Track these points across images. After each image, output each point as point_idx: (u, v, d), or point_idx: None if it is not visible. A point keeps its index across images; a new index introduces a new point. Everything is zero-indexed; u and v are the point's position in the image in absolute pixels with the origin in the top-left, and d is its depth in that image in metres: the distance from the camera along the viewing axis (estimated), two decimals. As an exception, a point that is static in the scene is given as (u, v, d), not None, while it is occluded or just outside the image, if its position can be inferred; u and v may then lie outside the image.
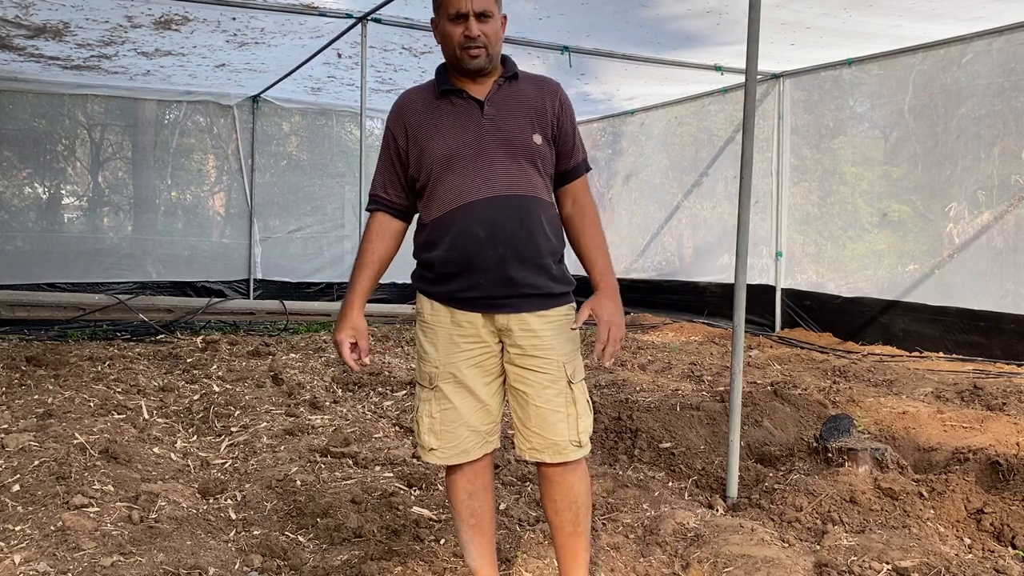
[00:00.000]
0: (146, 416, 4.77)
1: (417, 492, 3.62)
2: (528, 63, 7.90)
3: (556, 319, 2.37)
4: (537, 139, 2.34)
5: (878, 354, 7.26)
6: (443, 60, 2.42)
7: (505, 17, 2.39)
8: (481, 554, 2.48)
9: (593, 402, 4.75)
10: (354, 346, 2.46)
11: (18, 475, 3.53)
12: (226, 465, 4.02)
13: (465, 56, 2.28)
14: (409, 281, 2.58)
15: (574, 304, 2.43)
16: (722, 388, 5.38)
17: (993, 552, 2.98)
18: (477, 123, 2.31)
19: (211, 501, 3.49)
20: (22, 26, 6.87)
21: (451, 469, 2.45)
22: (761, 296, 8.79)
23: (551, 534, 2.49)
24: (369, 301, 2.69)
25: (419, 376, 2.45)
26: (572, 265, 2.47)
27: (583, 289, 2.29)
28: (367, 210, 2.52)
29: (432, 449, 2.40)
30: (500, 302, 2.31)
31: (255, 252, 10.43)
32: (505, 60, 2.40)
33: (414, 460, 4.06)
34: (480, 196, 2.28)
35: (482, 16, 2.28)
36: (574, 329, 2.35)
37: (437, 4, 2.34)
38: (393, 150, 2.41)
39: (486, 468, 2.47)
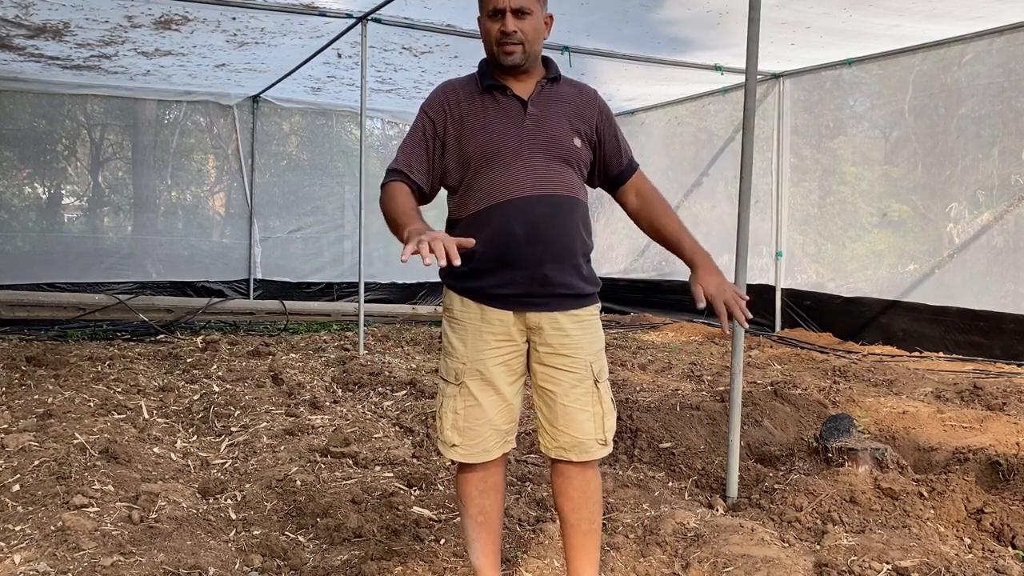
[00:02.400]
0: (146, 416, 4.77)
1: (417, 492, 3.62)
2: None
3: (585, 319, 2.39)
4: (577, 142, 2.36)
5: (878, 354, 7.26)
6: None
7: (551, 17, 2.39)
8: (486, 553, 2.47)
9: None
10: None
11: (18, 475, 3.53)
12: (226, 465, 4.02)
13: (501, 52, 2.29)
14: (409, 281, 2.58)
15: (599, 304, 2.47)
16: (722, 388, 5.38)
17: (993, 552, 2.98)
18: (520, 121, 2.32)
19: (211, 501, 3.49)
20: (22, 26, 6.87)
21: (464, 466, 2.43)
22: (761, 296, 8.79)
23: (563, 533, 2.47)
24: (369, 301, 2.69)
25: (444, 372, 2.43)
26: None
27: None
28: (384, 183, 2.35)
29: (454, 445, 2.38)
30: (534, 300, 2.32)
31: (255, 252, 10.42)
32: (548, 62, 2.42)
33: (414, 460, 4.06)
34: (520, 194, 2.28)
35: (519, 12, 2.28)
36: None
37: (479, 1, 2.35)
38: (431, 134, 2.36)
39: (499, 467, 2.46)
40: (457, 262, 1.91)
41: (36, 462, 3.65)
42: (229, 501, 3.49)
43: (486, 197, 2.30)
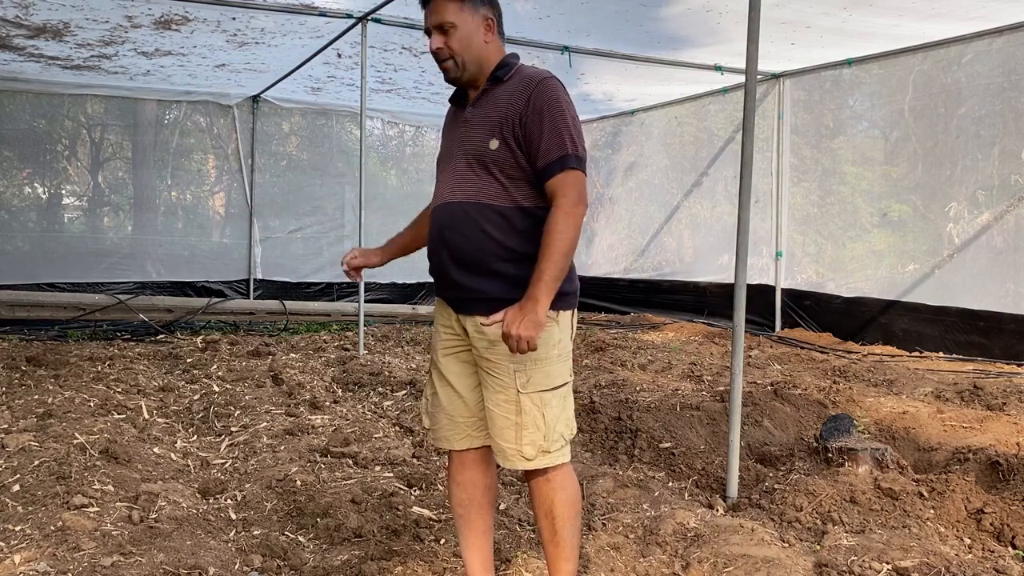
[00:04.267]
0: (146, 416, 4.77)
1: (417, 492, 3.62)
2: (528, 63, 7.88)
3: None
4: (493, 144, 2.28)
5: (878, 354, 7.26)
6: None
7: (489, 20, 2.34)
8: (467, 547, 2.53)
9: (593, 402, 4.79)
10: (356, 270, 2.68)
11: (18, 475, 3.53)
12: (226, 465, 4.02)
13: (440, 68, 2.38)
14: (409, 281, 2.67)
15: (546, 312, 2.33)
16: (722, 388, 5.38)
17: (993, 552, 2.98)
18: (456, 130, 2.41)
19: (211, 501, 3.49)
20: (22, 26, 6.87)
21: (448, 459, 2.57)
22: (761, 296, 8.79)
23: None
24: (369, 301, 2.78)
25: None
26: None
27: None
28: None
29: (427, 428, 2.57)
30: (454, 303, 2.41)
31: (255, 252, 10.42)
32: (501, 63, 2.37)
33: (414, 460, 4.06)
34: (439, 201, 2.40)
35: (440, 28, 2.31)
36: (484, 324, 2.27)
37: None
38: None
39: (475, 463, 2.49)
40: (356, 279, 2.66)
41: (36, 462, 3.65)
42: (229, 501, 3.49)
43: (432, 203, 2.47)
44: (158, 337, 7.95)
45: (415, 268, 10.81)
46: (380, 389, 5.67)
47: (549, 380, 2.32)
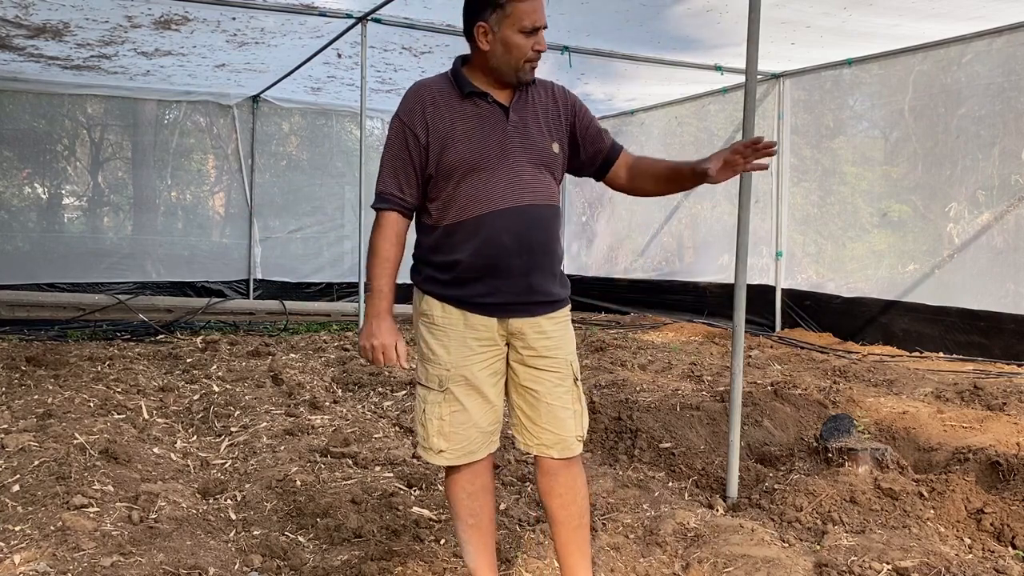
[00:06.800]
0: (146, 416, 4.77)
1: (417, 492, 3.62)
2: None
3: (562, 320, 2.44)
4: (555, 148, 2.40)
5: (878, 354, 7.26)
6: (447, 59, 2.44)
7: None
8: (479, 553, 2.49)
9: (593, 402, 4.79)
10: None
11: (18, 475, 3.53)
12: (226, 465, 4.02)
13: (528, 69, 2.31)
14: (409, 282, 2.54)
15: (570, 305, 2.52)
16: (722, 388, 5.37)
17: (993, 552, 2.98)
18: (503, 129, 2.31)
19: (211, 501, 3.49)
20: (22, 26, 6.87)
21: (451, 469, 2.46)
22: (761, 296, 8.79)
23: (554, 532, 2.49)
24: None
25: (425, 378, 2.44)
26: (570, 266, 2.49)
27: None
28: (377, 208, 2.36)
29: (441, 451, 2.39)
30: (517, 307, 2.34)
31: (255, 252, 10.42)
32: None
33: (414, 460, 4.06)
34: (507, 204, 2.28)
35: (541, 30, 2.33)
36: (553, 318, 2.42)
37: (501, 12, 2.24)
38: (412, 147, 2.30)
39: (486, 469, 2.48)
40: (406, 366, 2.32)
41: (36, 462, 3.65)
42: (229, 501, 3.49)
43: (471, 206, 2.28)
44: (158, 337, 7.96)
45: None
46: (380, 389, 5.67)
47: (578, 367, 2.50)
